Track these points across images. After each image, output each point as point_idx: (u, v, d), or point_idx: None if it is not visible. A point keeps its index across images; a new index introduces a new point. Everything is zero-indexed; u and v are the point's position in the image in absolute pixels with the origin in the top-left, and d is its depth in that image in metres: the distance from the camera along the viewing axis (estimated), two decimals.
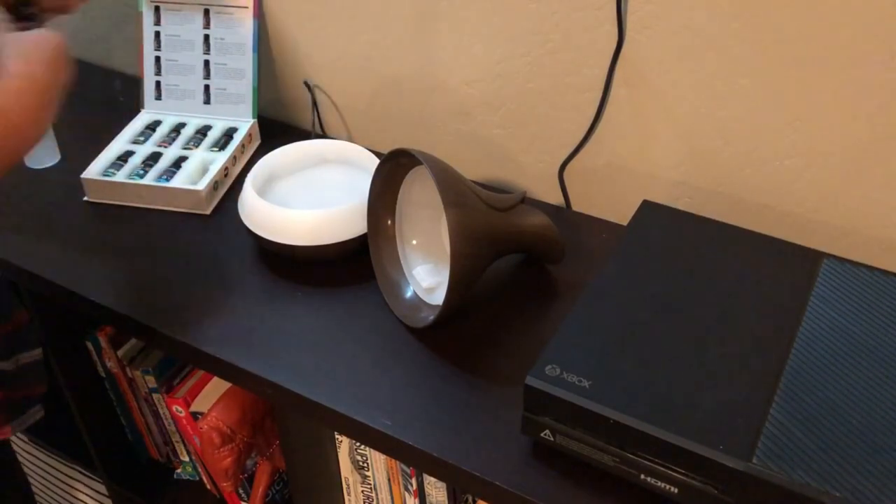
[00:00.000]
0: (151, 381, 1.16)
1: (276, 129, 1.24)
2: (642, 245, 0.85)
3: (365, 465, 0.96)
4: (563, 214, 1.06)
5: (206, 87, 1.18)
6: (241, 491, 1.17)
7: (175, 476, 1.28)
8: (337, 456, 0.98)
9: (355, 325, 0.90)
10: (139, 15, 1.18)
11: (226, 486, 1.13)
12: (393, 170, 0.91)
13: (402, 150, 0.85)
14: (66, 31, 1.45)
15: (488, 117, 1.09)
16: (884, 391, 0.68)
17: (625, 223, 0.90)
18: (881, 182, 0.87)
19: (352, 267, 0.97)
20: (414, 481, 0.92)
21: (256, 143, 1.19)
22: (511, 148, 1.09)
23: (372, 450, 0.93)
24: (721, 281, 0.80)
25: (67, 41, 0.78)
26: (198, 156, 1.11)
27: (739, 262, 0.82)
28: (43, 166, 1.16)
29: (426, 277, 0.92)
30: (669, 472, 0.67)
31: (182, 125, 1.18)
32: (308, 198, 1.02)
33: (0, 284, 0.81)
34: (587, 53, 0.97)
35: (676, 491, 0.68)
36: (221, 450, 1.07)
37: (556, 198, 1.09)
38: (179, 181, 1.07)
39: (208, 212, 1.07)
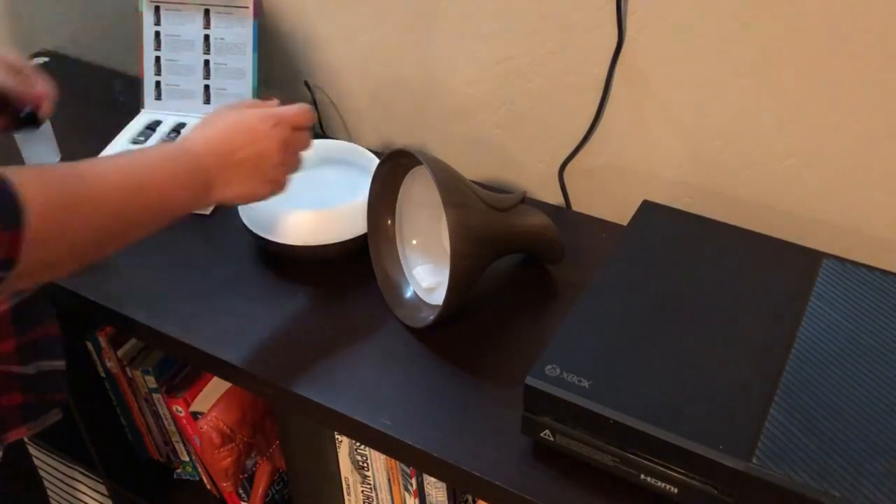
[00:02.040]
0: (151, 381, 1.16)
1: None
2: (642, 245, 0.85)
3: (365, 465, 0.96)
4: (563, 214, 1.06)
5: (206, 87, 1.18)
6: (241, 491, 1.17)
7: (175, 476, 1.28)
8: (337, 456, 0.98)
9: (355, 325, 0.90)
10: (139, 15, 1.18)
11: (226, 486, 1.13)
12: (393, 170, 0.90)
13: (402, 150, 0.85)
14: (70, 34, 1.46)
15: (488, 117, 1.09)
16: (883, 391, 0.68)
17: (625, 223, 0.90)
18: (881, 182, 0.87)
19: (352, 267, 0.97)
20: (414, 481, 0.92)
21: None
22: (511, 148, 1.09)
23: (372, 450, 0.93)
24: (721, 281, 0.80)
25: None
26: None
27: (739, 262, 0.82)
28: None
29: (426, 277, 0.92)
30: (669, 472, 0.67)
31: (182, 125, 1.18)
32: (308, 198, 1.02)
33: (38, 294, 0.80)
34: (587, 53, 0.97)
35: (676, 491, 0.68)
36: (221, 450, 1.07)
37: (556, 198, 1.09)
38: None
39: (208, 212, 1.07)
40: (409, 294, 0.92)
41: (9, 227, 0.60)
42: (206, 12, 1.16)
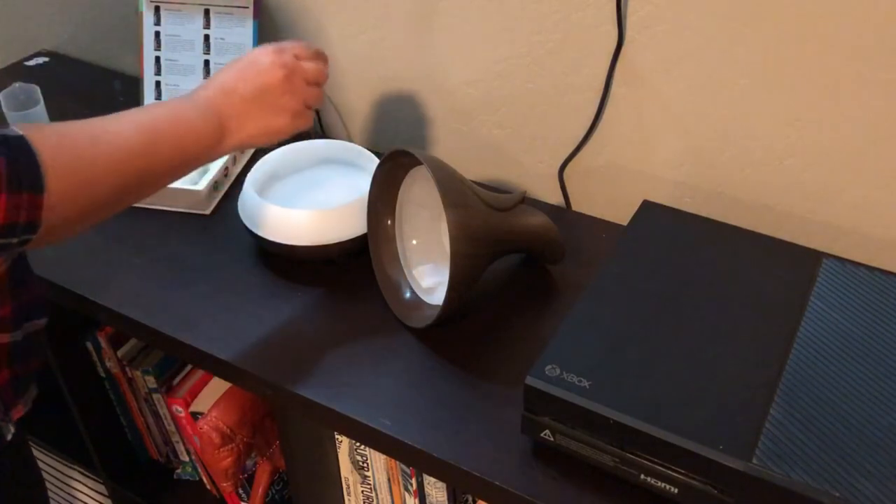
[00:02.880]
0: (151, 381, 1.16)
1: None
2: (642, 245, 0.85)
3: (365, 465, 0.96)
4: (563, 214, 1.06)
5: None
6: (241, 491, 1.17)
7: (175, 476, 1.28)
8: (337, 456, 0.98)
9: (355, 325, 0.90)
10: (139, 15, 1.18)
11: (226, 486, 1.13)
12: (393, 170, 0.90)
13: (402, 150, 0.85)
14: (70, 34, 1.46)
15: (488, 117, 1.09)
16: (883, 391, 0.68)
17: (625, 223, 0.90)
18: (881, 181, 0.87)
19: (352, 267, 0.97)
20: (414, 481, 0.92)
21: None
22: (511, 148, 1.09)
23: (372, 450, 0.93)
24: (721, 281, 0.80)
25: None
26: None
27: (739, 262, 0.82)
28: None
29: (426, 277, 0.92)
30: (669, 472, 0.67)
31: None
32: (308, 198, 1.02)
33: (21, 256, 0.81)
34: (587, 53, 0.97)
35: (676, 491, 0.68)
36: (221, 450, 1.07)
37: (556, 198, 1.09)
38: (179, 181, 1.07)
39: (208, 212, 1.07)
40: (409, 294, 0.92)
41: (31, 190, 0.62)
42: (206, 12, 1.16)
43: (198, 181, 1.08)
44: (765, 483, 0.62)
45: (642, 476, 0.69)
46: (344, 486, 1.01)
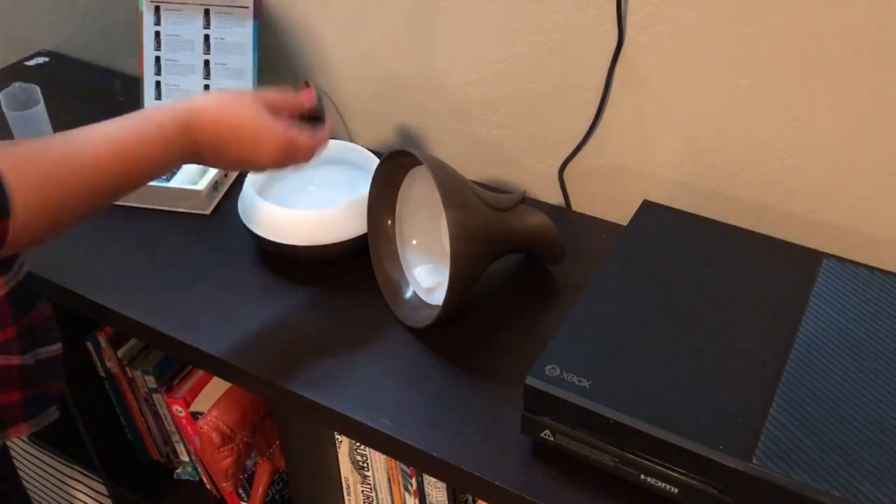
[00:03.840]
0: (151, 381, 1.16)
1: None
2: (642, 245, 0.85)
3: (365, 465, 0.96)
4: (563, 214, 1.06)
5: (206, 88, 1.18)
6: (241, 491, 1.17)
7: (175, 476, 1.28)
8: (337, 456, 0.98)
9: (355, 325, 0.90)
10: (139, 15, 1.18)
11: (226, 486, 1.13)
12: (393, 170, 0.90)
13: (402, 150, 0.85)
14: (70, 34, 1.46)
15: (488, 117, 1.09)
16: (884, 391, 0.68)
17: (625, 223, 0.90)
18: (880, 182, 0.87)
19: (352, 267, 0.97)
20: (414, 481, 0.92)
21: None
22: (511, 148, 1.09)
23: (372, 450, 0.93)
24: (721, 281, 0.80)
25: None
26: None
27: (739, 262, 0.82)
28: None
29: (426, 277, 0.92)
30: (669, 472, 0.67)
31: None
32: (308, 198, 1.02)
33: (29, 277, 0.81)
34: (587, 53, 0.97)
35: (676, 491, 0.68)
36: (221, 450, 1.07)
37: (556, 198, 1.09)
38: (179, 181, 1.07)
39: (208, 212, 1.07)
40: (409, 294, 0.92)
41: None
42: (206, 12, 1.16)
43: (198, 181, 1.08)
44: (765, 483, 0.62)
45: (642, 476, 0.69)
46: (344, 486, 1.01)
